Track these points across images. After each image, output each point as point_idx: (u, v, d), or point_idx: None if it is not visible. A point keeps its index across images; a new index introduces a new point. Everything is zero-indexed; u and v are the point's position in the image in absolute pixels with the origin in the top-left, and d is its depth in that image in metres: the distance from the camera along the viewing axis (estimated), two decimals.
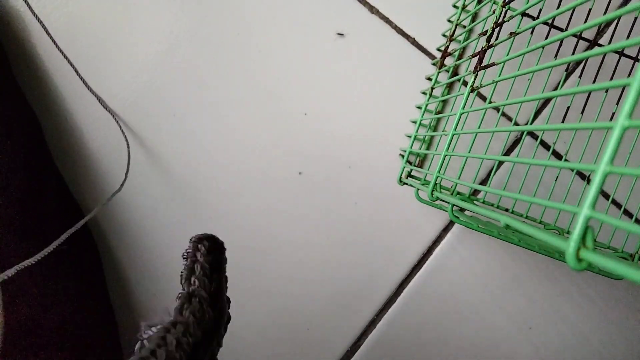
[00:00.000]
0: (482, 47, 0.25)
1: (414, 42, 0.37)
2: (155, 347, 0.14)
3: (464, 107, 0.25)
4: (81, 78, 0.36)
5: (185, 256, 0.18)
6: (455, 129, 0.25)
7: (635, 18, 0.34)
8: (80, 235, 0.36)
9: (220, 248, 0.19)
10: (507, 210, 0.35)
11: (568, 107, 0.34)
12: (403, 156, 0.36)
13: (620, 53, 0.34)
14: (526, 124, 0.36)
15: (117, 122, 0.37)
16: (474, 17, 0.36)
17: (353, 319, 0.38)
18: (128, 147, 0.37)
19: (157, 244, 0.38)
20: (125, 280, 0.38)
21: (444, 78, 0.36)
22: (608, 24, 0.37)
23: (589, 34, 0.36)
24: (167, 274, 0.38)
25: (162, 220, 0.38)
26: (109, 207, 0.38)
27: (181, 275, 0.18)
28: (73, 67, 0.36)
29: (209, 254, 0.19)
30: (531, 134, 0.37)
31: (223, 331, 0.19)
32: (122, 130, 0.37)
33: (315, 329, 0.38)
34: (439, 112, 0.37)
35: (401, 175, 0.34)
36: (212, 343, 0.18)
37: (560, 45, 0.35)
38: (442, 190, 0.30)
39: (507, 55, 0.22)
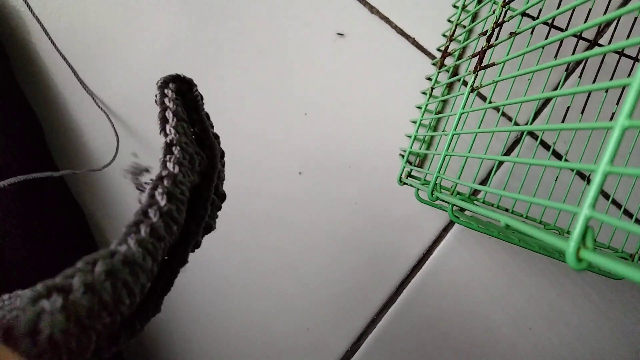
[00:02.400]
0: (482, 47, 0.25)
1: (414, 42, 0.37)
2: (147, 207, 0.13)
3: (464, 107, 0.25)
4: (78, 77, 0.36)
5: (157, 102, 0.17)
6: (455, 129, 0.25)
7: (635, 18, 0.34)
8: (81, 235, 0.36)
9: (189, 86, 0.18)
10: (507, 210, 0.35)
11: (568, 107, 0.34)
12: (403, 156, 0.36)
13: (620, 53, 0.34)
14: (526, 124, 0.36)
15: (109, 118, 0.36)
16: (474, 17, 0.36)
17: (353, 318, 0.38)
18: (117, 140, 0.37)
19: None
20: None
21: (444, 78, 0.36)
22: (608, 24, 0.37)
23: (589, 34, 0.36)
24: None
25: None
26: (109, 207, 0.38)
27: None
28: (70, 66, 0.36)
29: (179, 96, 0.18)
30: (531, 134, 0.37)
31: (221, 166, 0.18)
32: (112, 126, 0.36)
33: (315, 329, 0.38)
34: (439, 112, 0.37)
35: (401, 175, 0.34)
36: (213, 180, 0.17)
37: (560, 45, 0.35)
38: (442, 190, 0.30)
39: (507, 55, 0.22)
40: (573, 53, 0.35)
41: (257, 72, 0.37)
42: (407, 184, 0.34)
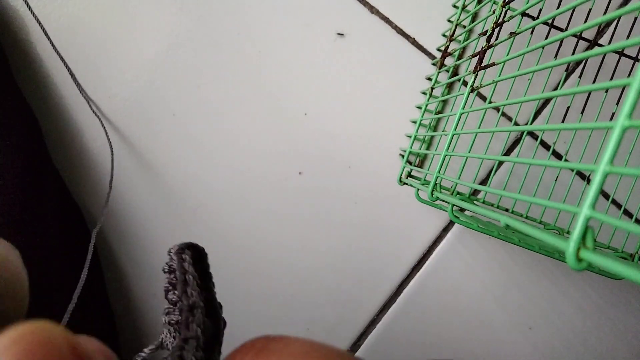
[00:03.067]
0: (482, 47, 0.25)
1: (414, 42, 0.37)
2: None
3: (464, 107, 0.25)
4: (75, 80, 0.36)
5: (166, 269, 0.18)
6: (455, 129, 0.25)
7: (635, 18, 0.34)
8: (80, 237, 0.36)
9: (203, 255, 0.19)
10: (507, 210, 0.35)
11: (568, 107, 0.34)
12: (403, 156, 0.36)
13: (620, 53, 0.34)
14: (526, 124, 0.36)
15: (104, 126, 0.36)
16: (474, 17, 0.36)
17: (353, 318, 0.38)
18: (112, 154, 0.36)
19: (158, 244, 0.38)
20: (124, 280, 0.38)
21: (444, 78, 0.36)
22: (608, 24, 0.37)
23: (589, 34, 0.36)
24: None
25: (162, 220, 0.38)
26: (108, 208, 0.38)
27: (166, 290, 0.17)
28: (68, 68, 0.36)
29: (195, 263, 0.18)
30: (531, 134, 0.37)
31: (222, 337, 0.19)
32: (107, 136, 0.36)
33: (315, 329, 0.38)
34: (439, 112, 0.37)
35: (401, 175, 0.34)
36: (215, 352, 0.18)
37: (560, 45, 0.35)
38: (442, 190, 0.30)
39: (507, 55, 0.22)
40: (573, 53, 0.35)
41: (257, 72, 0.37)
42: (407, 184, 0.34)
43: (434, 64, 0.37)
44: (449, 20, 0.37)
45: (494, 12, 0.25)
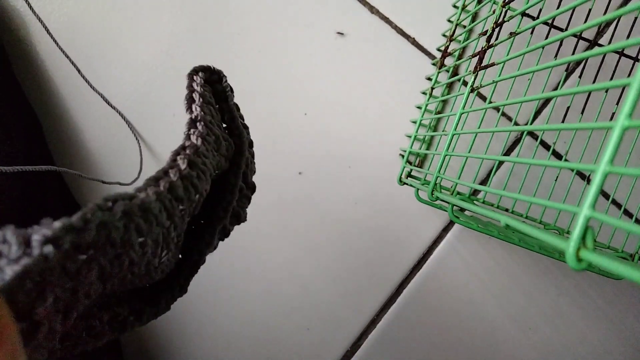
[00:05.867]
0: (482, 47, 0.25)
1: (414, 42, 0.37)
2: (168, 168, 0.14)
3: (464, 107, 0.25)
4: (83, 77, 0.36)
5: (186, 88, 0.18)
6: (455, 129, 0.25)
7: (635, 18, 0.34)
8: None
9: (219, 76, 0.19)
10: (507, 210, 0.35)
11: (568, 107, 0.34)
12: (403, 156, 0.36)
13: (620, 53, 0.34)
14: (526, 124, 0.36)
15: (127, 121, 0.36)
16: (474, 17, 0.36)
17: (353, 319, 0.38)
18: (139, 142, 0.37)
19: None
20: None
21: (444, 78, 0.36)
22: (608, 24, 0.37)
23: (589, 34, 0.36)
24: None
25: None
26: None
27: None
28: (75, 66, 0.36)
29: (209, 86, 0.18)
30: (531, 134, 0.37)
31: (250, 156, 0.19)
32: (134, 133, 0.36)
33: (315, 329, 0.38)
34: (439, 112, 0.37)
35: (401, 175, 0.34)
36: (241, 167, 0.18)
37: (560, 45, 0.35)
38: (442, 190, 0.30)
39: (507, 55, 0.22)
40: (573, 53, 0.35)
41: (257, 72, 0.37)
42: (407, 184, 0.34)
43: (434, 64, 0.37)
44: (449, 20, 0.37)
45: (494, 12, 0.25)
